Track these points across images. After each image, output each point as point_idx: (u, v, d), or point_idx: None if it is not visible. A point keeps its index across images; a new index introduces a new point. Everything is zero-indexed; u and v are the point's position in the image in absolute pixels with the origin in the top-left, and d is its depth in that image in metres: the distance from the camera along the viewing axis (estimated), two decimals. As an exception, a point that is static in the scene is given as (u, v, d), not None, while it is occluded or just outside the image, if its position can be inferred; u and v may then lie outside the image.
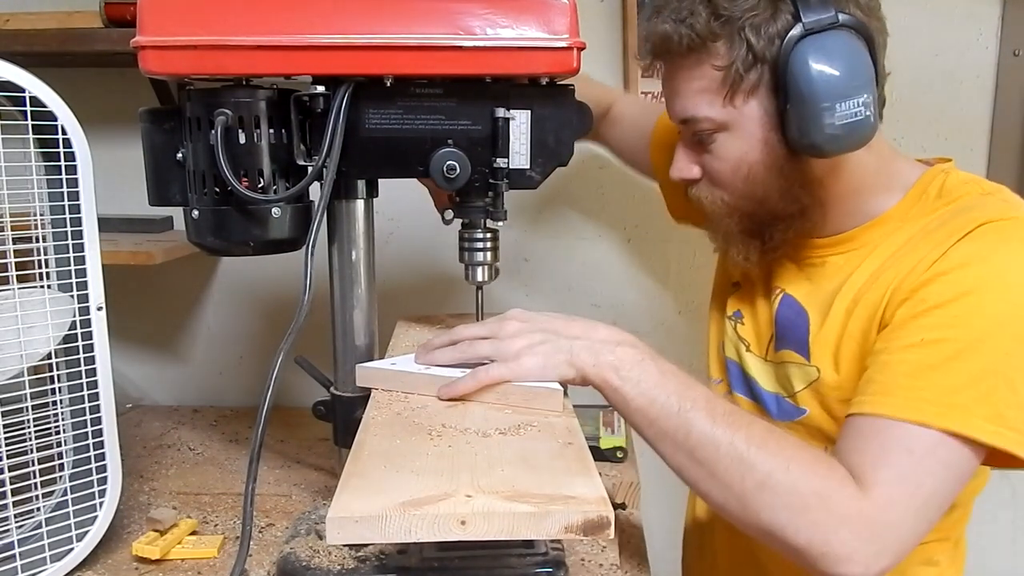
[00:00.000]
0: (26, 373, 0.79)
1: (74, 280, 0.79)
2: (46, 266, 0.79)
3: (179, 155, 0.82)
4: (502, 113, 0.81)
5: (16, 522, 0.79)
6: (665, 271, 1.42)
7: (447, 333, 0.83)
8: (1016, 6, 1.26)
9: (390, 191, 0.92)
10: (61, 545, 0.81)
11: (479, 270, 0.90)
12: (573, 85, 0.85)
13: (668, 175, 0.91)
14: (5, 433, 0.77)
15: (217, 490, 1.07)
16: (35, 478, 0.79)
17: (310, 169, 0.80)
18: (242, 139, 0.79)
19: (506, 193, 0.85)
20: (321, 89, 0.79)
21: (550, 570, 0.78)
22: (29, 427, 0.78)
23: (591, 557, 0.88)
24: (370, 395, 0.80)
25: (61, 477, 0.82)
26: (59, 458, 0.81)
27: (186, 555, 0.88)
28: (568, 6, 0.78)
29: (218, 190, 0.80)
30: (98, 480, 0.83)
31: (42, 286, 0.78)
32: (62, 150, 0.77)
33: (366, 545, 0.79)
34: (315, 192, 0.82)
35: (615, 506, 1.01)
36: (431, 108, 0.82)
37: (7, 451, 0.77)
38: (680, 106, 0.84)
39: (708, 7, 0.78)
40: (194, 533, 0.93)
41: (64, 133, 0.77)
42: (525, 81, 0.83)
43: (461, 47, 0.77)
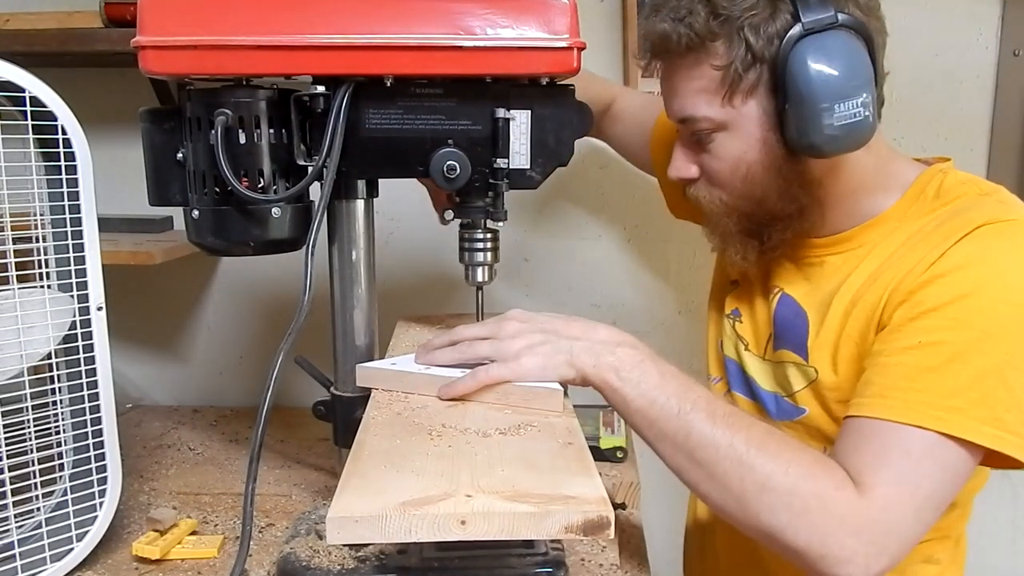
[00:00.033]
0: (26, 373, 0.79)
1: (74, 280, 0.79)
2: (46, 266, 0.79)
3: (179, 155, 0.82)
4: (502, 113, 0.81)
5: (16, 522, 0.79)
6: (665, 271, 1.42)
7: (447, 333, 0.83)
8: (1016, 6, 1.26)
9: (390, 191, 0.92)
10: (61, 545, 0.81)
11: (479, 270, 0.90)
12: (573, 85, 0.85)
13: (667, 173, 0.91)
14: (5, 433, 0.77)
15: (217, 490, 1.07)
16: (35, 478, 0.79)
17: (310, 169, 0.80)
18: (242, 139, 0.79)
19: (506, 193, 0.85)
20: (321, 89, 0.79)
21: (550, 570, 0.78)
22: (29, 427, 0.78)
23: (591, 557, 0.88)
24: (370, 395, 0.80)
25: (61, 477, 0.82)
26: (59, 458, 0.81)
27: (186, 555, 0.88)
28: (568, 6, 0.78)
29: (218, 190, 0.80)
30: (98, 480, 0.83)
31: (42, 286, 0.78)
32: (62, 150, 0.77)
33: (366, 545, 0.79)
34: (315, 192, 0.82)
35: (615, 506, 1.01)
36: (431, 108, 0.82)
37: (7, 451, 0.77)
38: (678, 105, 0.84)
39: (707, 6, 0.77)
40: (194, 533, 0.93)
41: (64, 133, 0.77)
42: (525, 81, 0.83)
43: (461, 47, 0.77)
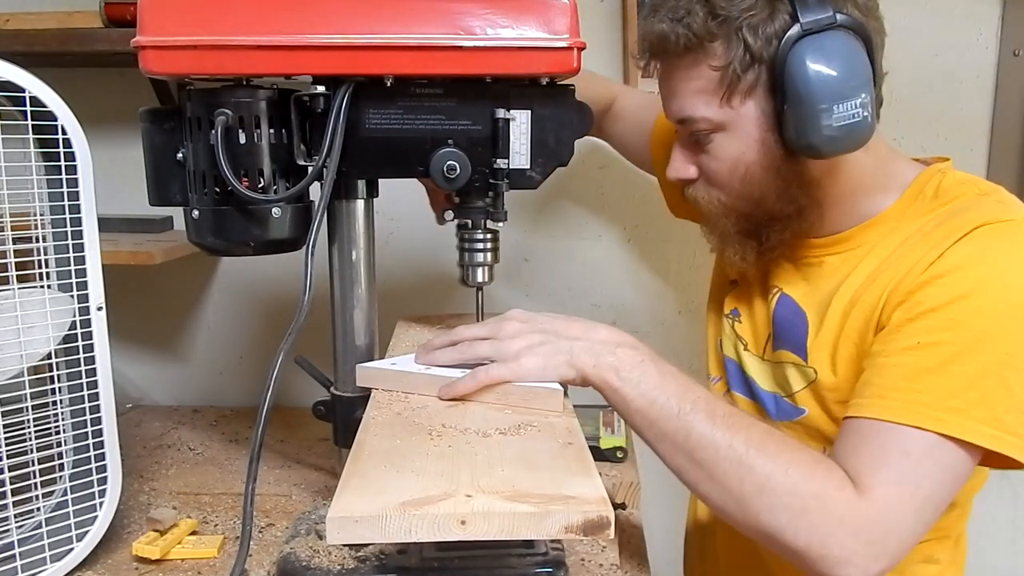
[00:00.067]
0: (26, 373, 0.79)
1: (74, 280, 0.79)
2: (46, 266, 0.79)
3: (179, 155, 0.82)
4: (502, 113, 0.81)
5: (16, 522, 0.79)
6: (665, 271, 1.42)
7: (447, 333, 0.83)
8: (1016, 6, 1.26)
9: (390, 191, 0.92)
10: (61, 545, 0.81)
11: (479, 271, 0.90)
12: (573, 85, 0.85)
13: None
14: (5, 433, 0.77)
15: (217, 490, 1.07)
16: (35, 478, 0.79)
17: (310, 169, 0.80)
18: (242, 139, 0.79)
19: (506, 193, 0.85)
20: (321, 89, 0.79)
21: (550, 570, 0.78)
22: (29, 427, 0.78)
23: (591, 557, 0.88)
24: (370, 395, 0.80)
25: (61, 477, 0.82)
26: (59, 458, 0.81)
27: (186, 555, 0.88)
28: (568, 6, 0.78)
29: (218, 190, 0.80)
30: (98, 480, 0.83)
31: (42, 286, 0.78)
32: (62, 150, 0.77)
33: (366, 545, 0.79)
34: (315, 192, 0.82)
35: (615, 506, 1.01)
36: (431, 108, 0.82)
37: (7, 451, 0.77)
38: (677, 106, 0.84)
39: (705, 7, 0.77)
40: (194, 533, 0.93)
41: (64, 133, 0.77)
42: (525, 81, 0.83)
43: (461, 47, 0.77)
